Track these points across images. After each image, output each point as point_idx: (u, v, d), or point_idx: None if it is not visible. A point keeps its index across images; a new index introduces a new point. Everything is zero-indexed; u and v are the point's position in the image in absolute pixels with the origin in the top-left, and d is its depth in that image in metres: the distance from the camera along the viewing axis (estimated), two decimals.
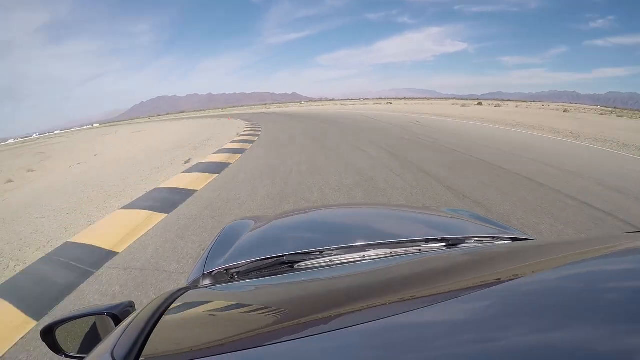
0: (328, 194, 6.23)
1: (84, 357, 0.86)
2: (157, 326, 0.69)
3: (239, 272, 1.25)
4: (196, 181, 7.73)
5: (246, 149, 12.28)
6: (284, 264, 1.21)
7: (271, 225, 1.81)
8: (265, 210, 5.54)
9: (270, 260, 1.23)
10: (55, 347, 1.05)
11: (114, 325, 1.02)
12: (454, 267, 0.98)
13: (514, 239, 1.45)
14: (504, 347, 0.45)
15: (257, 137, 15.85)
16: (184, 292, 0.95)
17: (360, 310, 0.64)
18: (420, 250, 1.28)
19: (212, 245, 1.57)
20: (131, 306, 1.11)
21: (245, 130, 19.65)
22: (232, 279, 1.24)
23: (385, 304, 0.66)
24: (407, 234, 1.48)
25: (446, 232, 1.45)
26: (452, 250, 1.27)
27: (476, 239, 1.41)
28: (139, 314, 0.77)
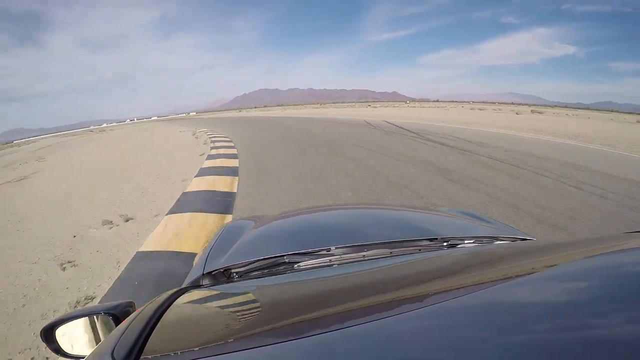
0: None
1: (84, 357, 0.85)
2: (157, 326, 0.70)
3: (239, 272, 1.24)
4: None
5: None
6: (284, 264, 1.21)
7: (271, 225, 1.82)
8: None
9: (270, 260, 1.22)
10: (55, 347, 1.05)
11: (114, 325, 1.03)
12: (454, 267, 0.99)
13: (514, 239, 1.47)
14: (504, 347, 0.45)
15: None
16: (184, 292, 0.95)
17: (361, 310, 0.64)
18: (420, 250, 1.28)
19: (212, 245, 1.55)
20: (131, 306, 1.10)
21: None
22: (232, 278, 1.23)
23: (386, 303, 0.66)
24: (407, 234, 1.49)
25: (446, 232, 1.46)
26: (452, 250, 1.27)
27: (476, 239, 1.42)
28: (139, 313, 0.78)
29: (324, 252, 1.26)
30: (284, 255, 1.23)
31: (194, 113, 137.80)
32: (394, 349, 0.48)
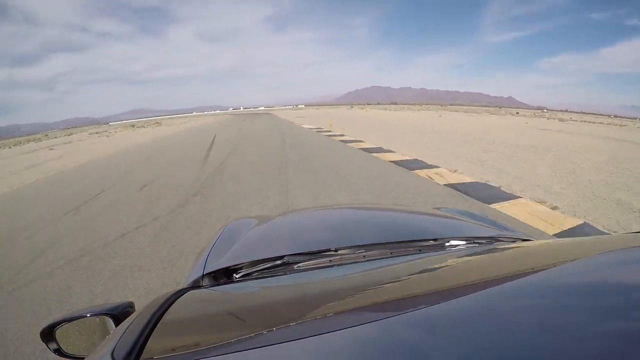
0: None
1: (83, 358, 0.85)
2: (157, 326, 0.70)
3: (239, 272, 1.23)
4: None
5: None
6: (285, 265, 1.20)
7: (272, 225, 1.82)
8: None
9: (270, 261, 1.22)
10: (55, 347, 1.05)
11: (114, 326, 1.03)
12: (454, 268, 0.99)
13: (514, 240, 1.47)
14: (504, 348, 0.45)
15: None
16: (184, 293, 0.95)
17: (361, 310, 0.65)
18: (420, 250, 1.28)
19: (212, 244, 1.55)
20: (131, 306, 1.10)
21: None
22: (232, 279, 1.22)
23: (386, 304, 0.66)
24: (407, 235, 1.50)
25: (446, 233, 1.47)
26: (452, 251, 1.27)
27: (476, 239, 1.42)
28: (139, 314, 0.78)
29: (325, 252, 1.26)
30: (284, 256, 1.23)
31: (302, 105, 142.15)
32: (394, 349, 0.48)
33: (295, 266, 1.19)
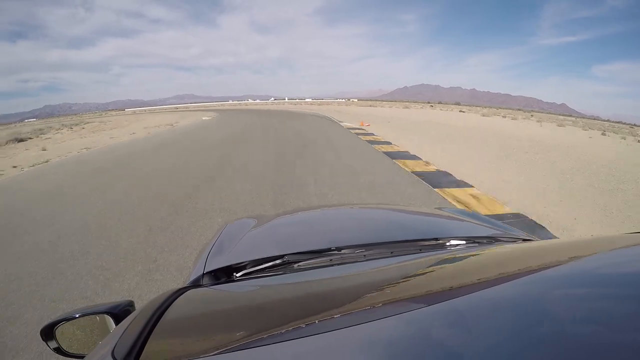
0: None
1: (84, 357, 0.86)
2: (157, 325, 0.70)
3: (240, 271, 1.24)
4: None
5: None
6: (285, 264, 1.21)
7: (272, 225, 1.82)
8: None
9: (271, 260, 1.22)
10: (55, 346, 1.05)
11: (114, 325, 1.03)
12: (455, 268, 0.99)
13: (514, 240, 1.48)
14: (504, 348, 0.46)
15: None
16: (184, 292, 0.96)
17: (361, 310, 0.64)
18: (420, 250, 1.28)
19: (212, 244, 1.55)
20: (131, 305, 1.11)
21: None
22: (232, 278, 1.23)
23: (386, 303, 0.66)
24: (407, 234, 1.50)
25: (446, 233, 1.48)
26: (453, 251, 1.27)
27: (477, 239, 1.42)
28: (139, 313, 0.78)
29: (325, 252, 1.26)
30: (284, 255, 1.23)
31: (356, 100, 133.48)
32: (395, 348, 0.48)
33: (296, 265, 1.18)
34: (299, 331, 0.56)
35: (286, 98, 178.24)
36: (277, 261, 1.22)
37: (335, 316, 0.61)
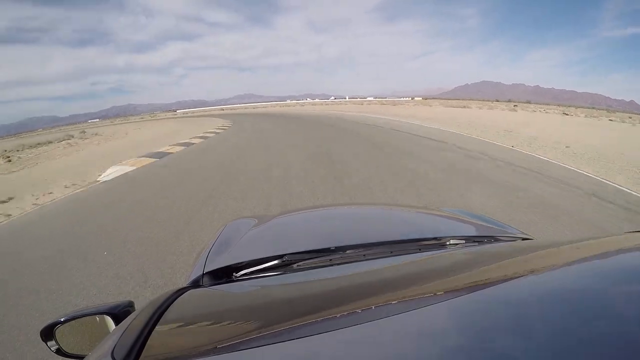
0: None
1: (84, 357, 0.85)
2: (157, 326, 0.70)
3: (239, 271, 1.23)
4: None
5: None
6: (285, 264, 1.21)
7: (272, 225, 1.81)
8: None
9: (270, 260, 1.22)
10: (55, 347, 1.05)
11: (114, 325, 1.03)
12: (454, 267, 0.99)
13: (514, 239, 1.47)
14: (504, 348, 0.46)
15: None
16: (184, 292, 0.96)
17: (360, 309, 0.64)
18: (420, 249, 1.28)
19: (212, 244, 1.55)
20: (131, 306, 1.11)
21: None
22: (232, 278, 1.23)
23: (385, 303, 0.66)
24: (407, 234, 1.50)
25: (446, 232, 1.46)
26: (453, 250, 1.27)
27: (477, 238, 1.43)
28: (139, 313, 0.78)
29: (325, 251, 1.25)
30: (284, 255, 1.22)
31: (420, 98, 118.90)
32: (395, 348, 0.48)
33: (295, 265, 1.18)
34: (299, 331, 0.56)
35: (347, 97, 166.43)
36: (277, 261, 1.21)
37: (335, 316, 0.61)
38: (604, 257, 0.79)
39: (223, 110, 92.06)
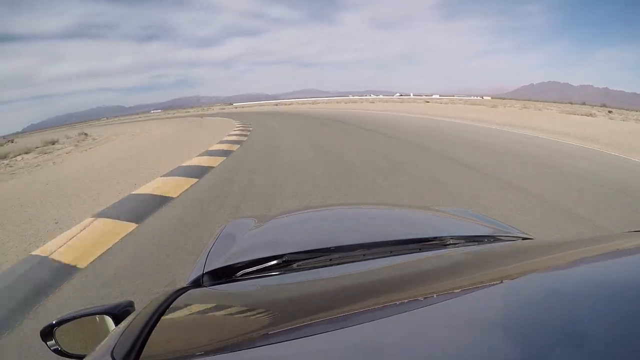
0: None
1: (83, 357, 0.83)
2: (156, 326, 0.69)
3: (239, 271, 1.22)
4: None
5: None
6: (284, 264, 1.19)
7: (271, 225, 1.80)
8: None
9: (270, 260, 1.21)
10: (55, 347, 1.05)
11: (113, 325, 1.03)
12: (454, 267, 0.99)
13: (514, 239, 1.46)
14: (503, 347, 0.46)
15: None
16: (184, 292, 0.95)
17: (361, 310, 0.64)
18: (420, 249, 1.27)
19: (212, 244, 1.54)
20: (131, 306, 1.10)
21: None
22: (232, 278, 1.21)
23: (385, 303, 0.65)
24: (407, 234, 1.49)
25: (447, 232, 1.45)
26: (453, 250, 1.26)
27: (477, 238, 1.42)
28: (138, 313, 0.78)
29: (325, 251, 1.24)
30: (284, 255, 1.21)
31: (489, 98, 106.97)
32: (394, 348, 0.48)
33: (295, 265, 1.17)
34: (299, 331, 0.56)
35: (411, 94, 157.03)
36: (277, 261, 1.20)
37: (335, 316, 0.61)
38: (604, 256, 0.78)
39: (277, 105, 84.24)
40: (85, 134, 25.05)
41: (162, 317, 0.73)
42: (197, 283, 1.19)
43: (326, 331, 0.53)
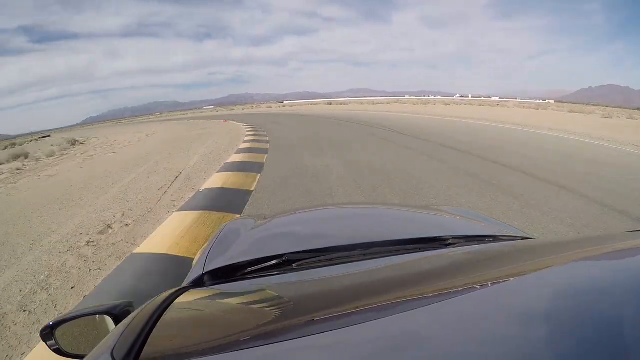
0: None
1: (83, 357, 0.83)
2: (156, 325, 0.70)
3: (239, 271, 1.23)
4: None
5: None
6: (284, 263, 1.20)
7: (271, 224, 1.82)
8: None
9: (270, 259, 1.22)
10: (55, 347, 1.05)
11: (113, 325, 1.03)
12: (454, 267, 0.99)
13: (514, 238, 1.46)
14: (503, 347, 0.46)
15: None
16: (184, 292, 0.95)
17: (360, 309, 0.64)
18: (420, 249, 1.27)
19: (212, 244, 1.53)
20: (130, 306, 1.10)
21: None
22: (232, 277, 1.21)
23: (385, 303, 0.66)
24: (407, 233, 1.49)
25: (446, 231, 1.45)
26: (452, 250, 1.26)
27: (477, 238, 1.43)
28: (138, 313, 0.78)
29: (324, 251, 1.25)
30: (283, 254, 1.22)
31: (552, 102, 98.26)
32: (394, 348, 0.48)
33: (295, 264, 1.17)
34: (299, 331, 0.57)
35: (470, 95, 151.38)
36: (277, 260, 1.20)
37: (335, 316, 0.61)
38: (604, 257, 0.79)
39: (330, 104, 72.17)
40: (76, 141, 22.23)
41: (162, 317, 0.73)
42: (197, 283, 1.18)
43: (326, 331, 0.53)
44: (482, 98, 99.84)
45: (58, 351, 1.04)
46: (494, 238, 1.42)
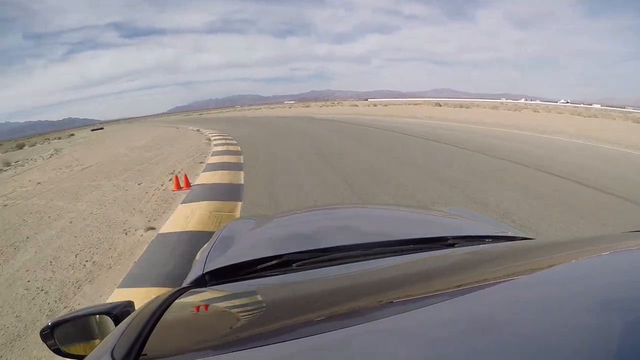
0: None
1: (83, 357, 0.84)
2: (156, 326, 0.69)
3: (239, 271, 1.22)
4: None
5: None
6: (284, 264, 1.19)
7: (271, 225, 1.80)
8: None
9: (270, 260, 1.21)
10: (55, 347, 1.04)
11: (113, 325, 1.02)
12: (454, 267, 0.99)
13: (514, 239, 1.45)
14: (503, 347, 0.46)
15: None
16: (184, 292, 0.95)
17: (360, 309, 0.64)
18: (420, 249, 1.27)
19: (212, 244, 1.53)
20: (130, 306, 1.09)
21: None
22: (231, 278, 1.20)
23: (385, 303, 0.66)
24: (407, 234, 1.48)
25: (446, 232, 1.44)
26: (452, 250, 1.25)
27: (476, 238, 1.41)
28: (138, 313, 0.78)
29: (324, 251, 1.24)
30: (283, 255, 1.21)
31: None
32: (395, 348, 0.48)
33: (295, 265, 1.17)
34: (298, 331, 0.57)
35: (562, 100, 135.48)
36: (277, 261, 1.19)
37: (335, 316, 0.61)
38: (603, 257, 0.78)
39: (415, 103, 53.96)
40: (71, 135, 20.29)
41: (162, 317, 0.73)
42: (197, 283, 1.18)
43: (326, 331, 0.53)
44: (582, 105, 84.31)
45: (58, 351, 1.02)
46: (494, 238, 1.41)
